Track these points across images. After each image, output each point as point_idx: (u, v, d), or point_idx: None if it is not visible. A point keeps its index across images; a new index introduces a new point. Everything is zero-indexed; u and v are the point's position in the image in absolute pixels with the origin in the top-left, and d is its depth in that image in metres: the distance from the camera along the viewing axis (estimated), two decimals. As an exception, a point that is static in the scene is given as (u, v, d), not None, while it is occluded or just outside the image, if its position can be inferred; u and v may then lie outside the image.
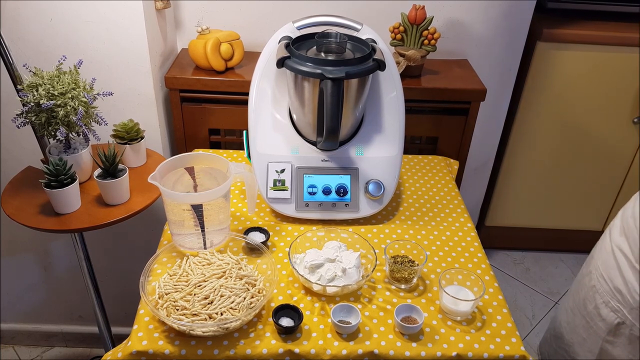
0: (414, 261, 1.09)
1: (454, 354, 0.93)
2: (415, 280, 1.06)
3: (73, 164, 1.19)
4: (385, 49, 1.19)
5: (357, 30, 1.22)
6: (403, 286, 1.06)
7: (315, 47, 1.17)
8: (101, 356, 1.01)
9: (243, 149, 1.30)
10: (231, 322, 0.92)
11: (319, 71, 1.06)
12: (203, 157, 1.15)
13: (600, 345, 0.98)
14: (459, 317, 1.00)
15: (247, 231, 1.16)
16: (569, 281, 2.22)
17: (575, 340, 1.06)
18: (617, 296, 0.94)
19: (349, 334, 0.96)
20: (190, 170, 1.15)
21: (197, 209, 1.07)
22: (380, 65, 1.11)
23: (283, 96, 1.23)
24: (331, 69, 1.06)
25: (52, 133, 1.17)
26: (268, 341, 0.94)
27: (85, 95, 1.17)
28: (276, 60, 1.11)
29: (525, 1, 1.63)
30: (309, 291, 1.04)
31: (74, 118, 1.15)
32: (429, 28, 1.51)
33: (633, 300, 0.91)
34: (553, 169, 2.08)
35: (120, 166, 1.21)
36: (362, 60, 1.11)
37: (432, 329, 0.98)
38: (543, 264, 2.33)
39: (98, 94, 1.20)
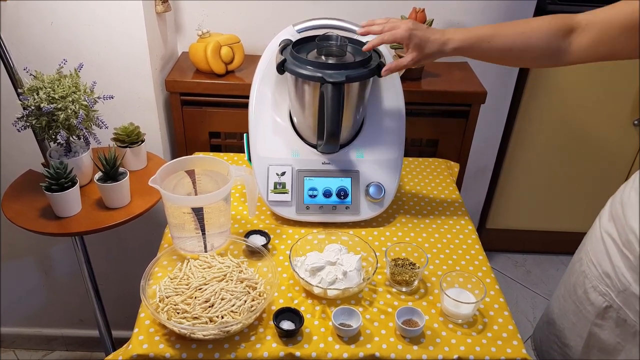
0: (414, 264, 1.09)
1: (455, 357, 0.93)
2: (416, 283, 1.06)
3: (74, 167, 1.19)
4: (385, 52, 1.19)
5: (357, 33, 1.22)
6: (404, 289, 1.06)
7: (315, 50, 1.17)
8: (102, 360, 1.01)
9: (243, 152, 1.29)
10: (232, 325, 0.92)
11: (319, 75, 1.06)
12: (203, 160, 1.15)
13: (589, 329, 1.00)
14: (460, 320, 1.00)
15: (248, 234, 1.16)
16: (570, 283, 2.22)
17: (566, 325, 1.07)
18: (605, 280, 0.95)
19: (350, 337, 0.95)
20: (191, 173, 1.15)
21: (198, 212, 1.07)
22: (381, 68, 1.11)
23: (283, 99, 1.23)
24: (332, 72, 1.06)
25: (53, 136, 1.17)
26: (269, 344, 0.94)
27: (86, 98, 1.17)
28: (276, 64, 1.12)
29: (525, 2, 1.63)
30: (309, 294, 1.04)
31: (74, 121, 1.15)
32: (429, 31, 1.51)
33: (620, 284, 0.92)
34: (554, 171, 2.08)
35: (121, 169, 1.21)
36: (363, 64, 1.11)
37: (433, 332, 0.98)
38: (544, 267, 2.32)
39: (99, 98, 1.20)
